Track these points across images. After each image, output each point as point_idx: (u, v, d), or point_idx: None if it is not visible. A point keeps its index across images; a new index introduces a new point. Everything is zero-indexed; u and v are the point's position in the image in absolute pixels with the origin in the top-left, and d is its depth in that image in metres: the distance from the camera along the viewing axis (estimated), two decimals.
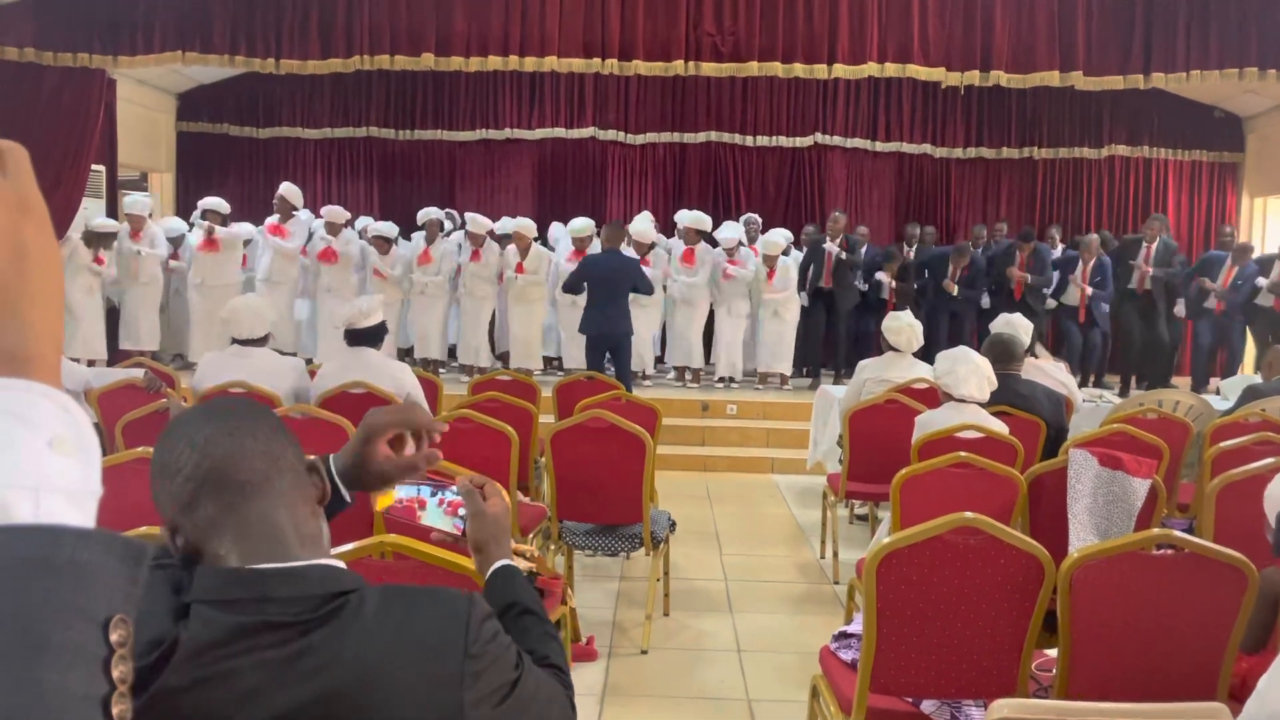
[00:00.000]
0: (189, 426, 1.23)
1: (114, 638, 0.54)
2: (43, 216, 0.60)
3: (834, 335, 9.57)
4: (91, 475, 0.58)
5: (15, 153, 0.60)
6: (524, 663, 1.26)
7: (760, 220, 10.20)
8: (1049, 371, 5.38)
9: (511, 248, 9.12)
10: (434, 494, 1.59)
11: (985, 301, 9.43)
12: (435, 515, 1.58)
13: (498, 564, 1.54)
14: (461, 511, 1.58)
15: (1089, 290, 9.24)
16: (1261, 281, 8.92)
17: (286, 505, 1.22)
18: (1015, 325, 5.35)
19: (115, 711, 0.54)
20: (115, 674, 0.54)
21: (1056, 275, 9.46)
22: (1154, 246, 9.38)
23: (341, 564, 1.22)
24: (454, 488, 1.59)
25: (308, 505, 1.26)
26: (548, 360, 9.78)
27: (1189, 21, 8.31)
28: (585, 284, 7.52)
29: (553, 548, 4.46)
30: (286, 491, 1.23)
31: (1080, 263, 9.35)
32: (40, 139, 8.52)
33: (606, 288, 7.38)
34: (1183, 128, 11.23)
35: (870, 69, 8.56)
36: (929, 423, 4.20)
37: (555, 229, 10.12)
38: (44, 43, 8.52)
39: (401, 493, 1.57)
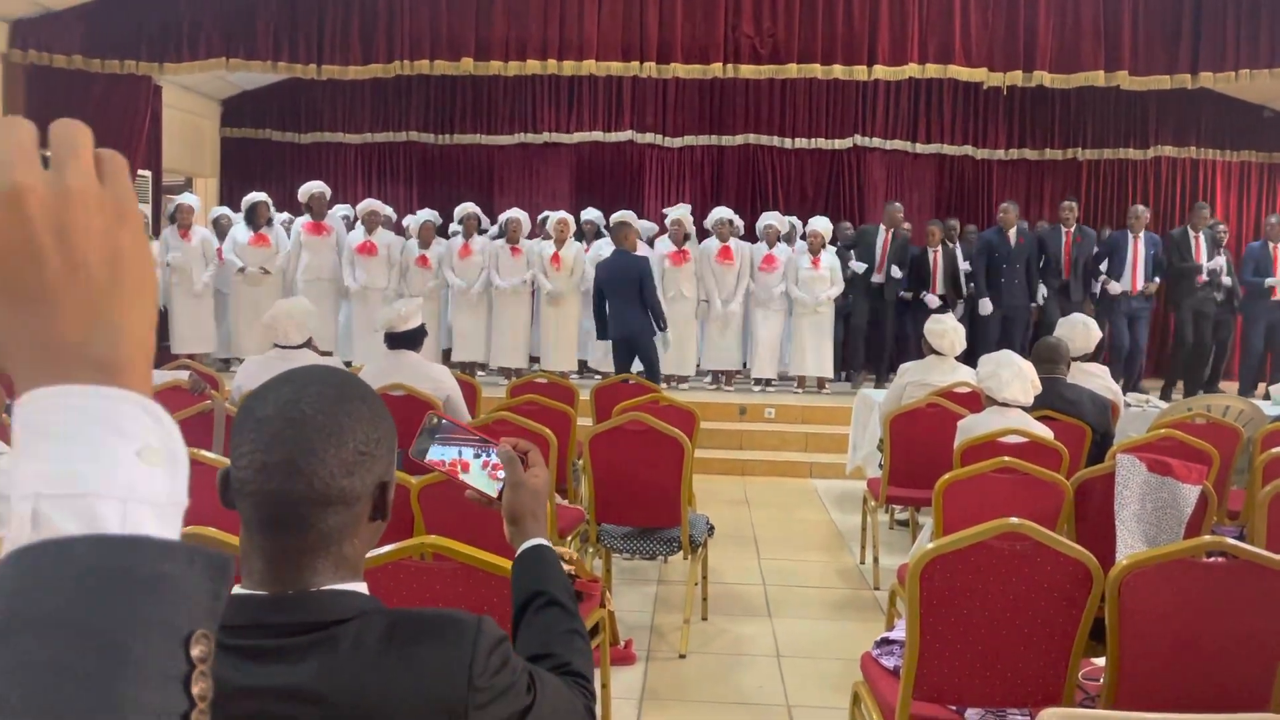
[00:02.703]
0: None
1: (195, 653, 0.53)
2: (138, 224, 0.59)
3: (878, 337, 9.39)
4: (178, 487, 0.57)
5: (114, 161, 0.60)
6: (538, 686, 1.20)
7: (798, 223, 10.12)
8: (1095, 374, 5.28)
9: (548, 243, 9.12)
10: (477, 455, 1.48)
11: (1040, 297, 9.14)
12: (478, 477, 1.48)
13: (530, 543, 1.43)
14: (501, 474, 1.46)
15: (1140, 271, 8.86)
16: None
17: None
18: (1089, 328, 5.24)
19: None
20: (195, 690, 0.53)
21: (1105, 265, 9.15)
22: (1201, 236, 9.15)
23: (358, 586, 1.17)
24: (497, 449, 1.48)
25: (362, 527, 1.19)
26: (582, 364, 9.77)
27: (1238, 19, 8.16)
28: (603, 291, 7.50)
29: (591, 550, 4.46)
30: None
31: (1129, 235, 8.98)
32: None
33: (619, 289, 7.38)
34: (1231, 127, 11.03)
35: (911, 70, 8.49)
36: (971, 427, 4.14)
37: (587, 214, 10.06)
38: (92, 50, 8.68)
39: (443, 455, 1.47)
